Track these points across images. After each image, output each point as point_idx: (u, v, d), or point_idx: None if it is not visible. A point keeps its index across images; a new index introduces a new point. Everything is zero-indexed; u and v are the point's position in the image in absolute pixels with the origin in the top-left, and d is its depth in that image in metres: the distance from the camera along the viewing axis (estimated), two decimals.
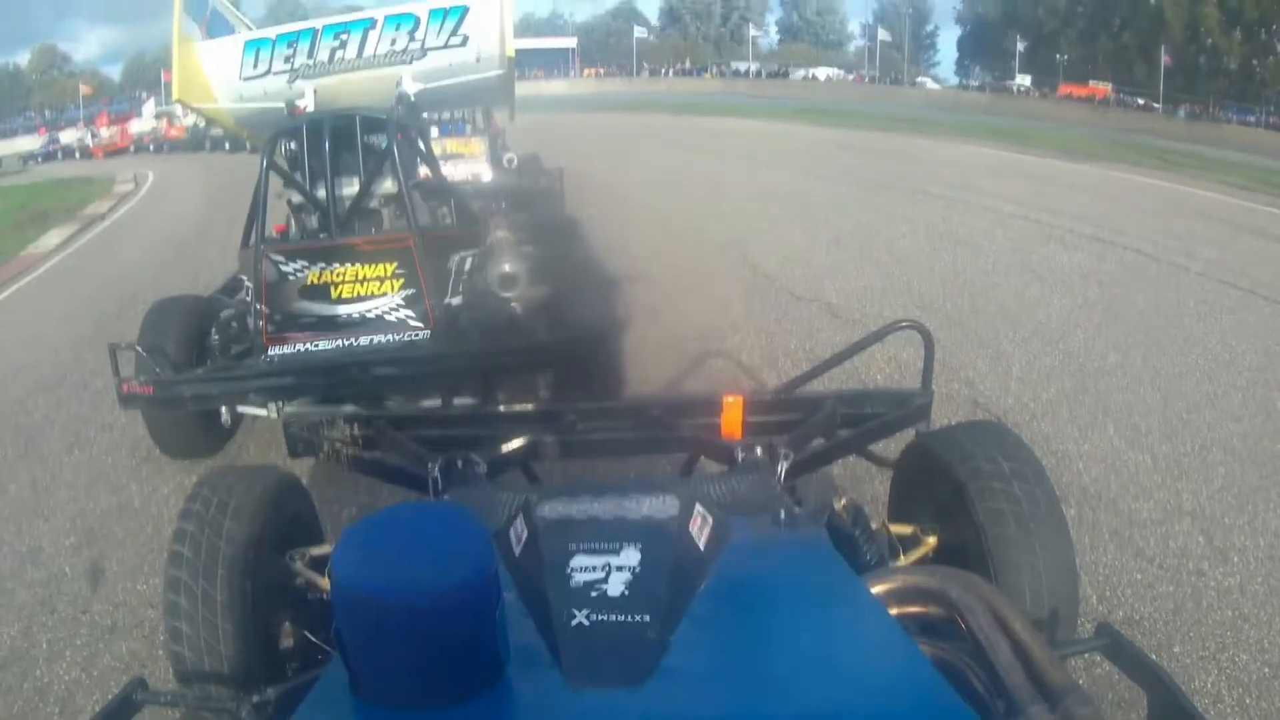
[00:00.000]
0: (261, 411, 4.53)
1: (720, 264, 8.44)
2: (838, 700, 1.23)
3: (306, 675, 1.78)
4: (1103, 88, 46.54)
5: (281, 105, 5.31)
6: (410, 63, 5.61)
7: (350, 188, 4.73)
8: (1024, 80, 51.39)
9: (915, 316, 3.30)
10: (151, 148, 34.76)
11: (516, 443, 2.84)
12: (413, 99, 5.63)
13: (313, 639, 2.15)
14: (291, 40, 5.57)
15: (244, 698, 1.66)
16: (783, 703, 1.21)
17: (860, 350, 3.09)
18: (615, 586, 1.40)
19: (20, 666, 3.28)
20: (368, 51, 5.59)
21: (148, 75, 60.43)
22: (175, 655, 2.06)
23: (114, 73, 74.39)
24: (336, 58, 5.58)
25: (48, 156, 36.04)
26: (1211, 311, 7.18)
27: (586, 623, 1.33)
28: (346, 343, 4.39)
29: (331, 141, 4.64)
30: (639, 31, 69.20)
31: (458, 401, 4.41)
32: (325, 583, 2.15)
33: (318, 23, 5.69)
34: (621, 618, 1.34)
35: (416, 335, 4.43)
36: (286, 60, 5.55)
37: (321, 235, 4.69)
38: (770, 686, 1.25)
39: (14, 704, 3.08)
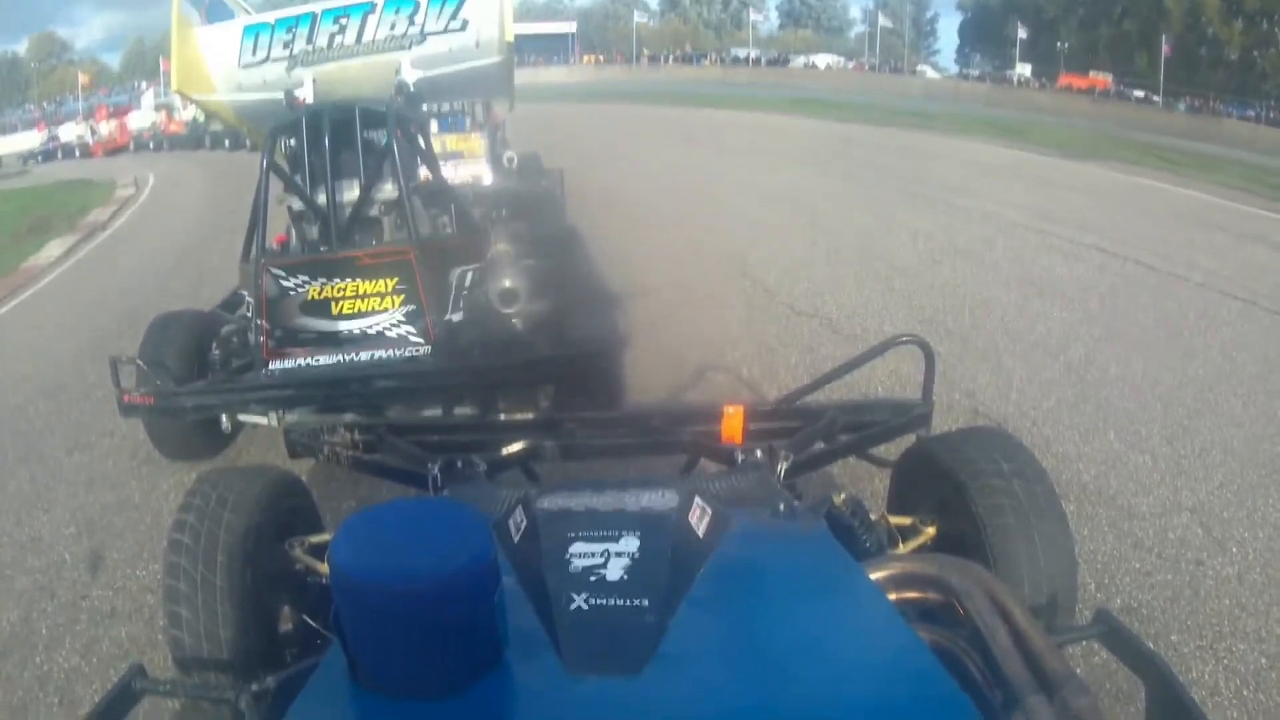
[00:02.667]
0: (262, 420, 4.53)
1: (720, 275, 8.39)
2: (834, 688, 1.23)
3: (306, 662, 1.78)
4: (1103, 79, 46.35)
5: (280, 96, 5.28)
6: (409, 48, 5.58)
7: (351, 191, 4.69)
8: (1024, 70, 51.15)
9: (915, 330, 3.31)
10: (151, 145, 34.52)
11: (517, 445, 2.85)
12: (412, 88, 5.59)
13: (312, 623, 2.16)
14: (290, 25, 5.53)
15: (243, 686, 1.66)
16: (778, 689, 1.22)
17: (861, 364, 3.10)
18: (614, 571, 1.40)
19: (20, 654, 3.28)
20: (367, 36, 5.56)
21: (147, 62, 60.20)
22: (174, 640, 2.06)
23: (113, 60, 74.32)
24: (335, 43, 5.55)
25: (48, 156, 35.83)
26: (1212, 324, 7.16)
27: (585, 607, 1.33)
28: (347, 358, 4.38)
29: (331, 137, 4.61)
30: (639, 16, 68.85)
31: (458, 411, 4.41)
32: (324, 568, 2.16)
33: (316, 6, 5.64)
34: (620, 602, 1.34)
35: (417, 351, 4.42)
36: (285, 46, 5.52)
37: (322, 247, 4.66)
38: (766, 672, 1.25)
39: (14, 693, 3.08)
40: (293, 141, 4.73)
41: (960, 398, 5.38)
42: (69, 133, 39.40)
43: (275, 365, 4.39)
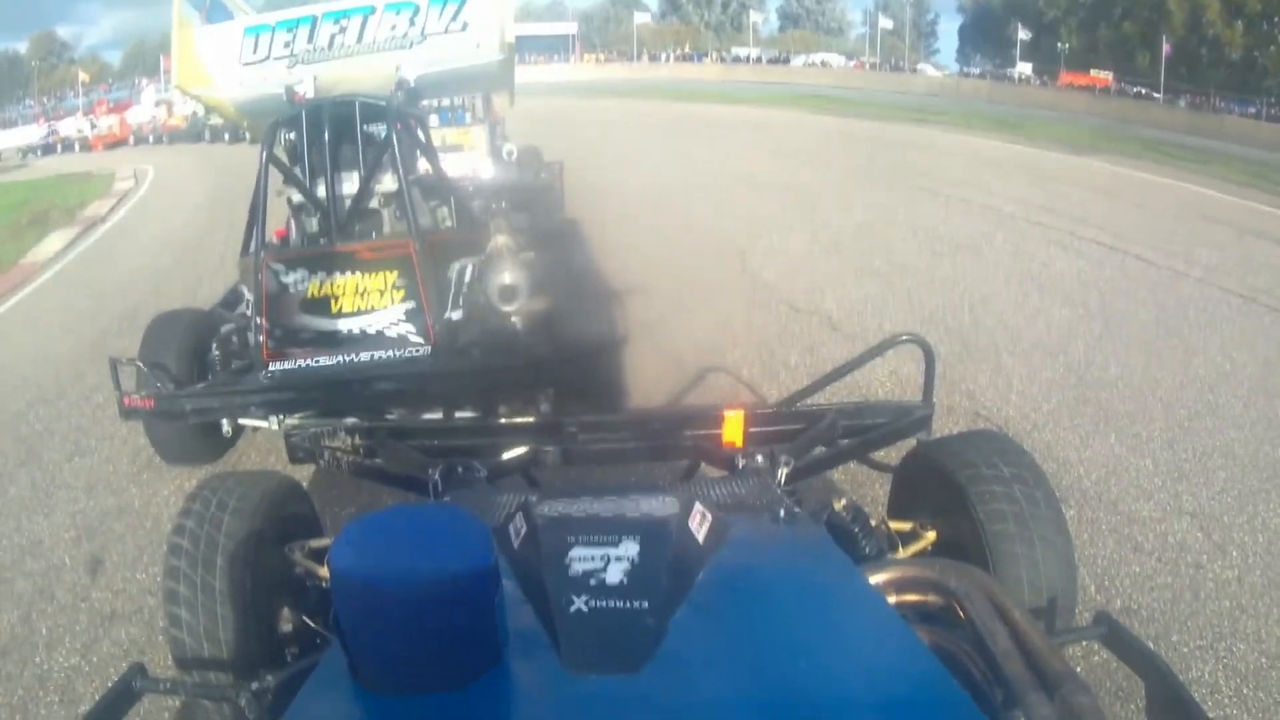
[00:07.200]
0: (263, 423, 4.50)
1: (719, 268, 8.39)
2: (836, 687, 1.23)
3: (305, 661, 1.78)
4: (1104, 77, 46.34)
5: (281, 92, 5.28)
6: (410, 48, 5.57)
7: (350, 184, 4.67)
8: (1025, 68, 51.10)
9: (915, 328, 3.30)
10: (151, 139, 34.55)
11: (518, 450, 2.85)
12: (412, 85, 5.59)
13: (312, 624, 2.16)
14: (291, 26, 5.52)
15: (243, 685, 1.66)
16: (780, 689, 1.21)
17: (861, 364, 3.10)
18: (614, 575, 1.40)
19: (20, 654, 3.29)
20: (368, 37, 5.54)
21: (148, 60, 60.15)
22: (174, 640, 2.06)
23: (114, 58, 74.25)
24: (336, 43, 5.54)
25: (47, 149, 35.74)
26: (1212, 320, 7.15)
27: (585, 609, 1.33)
28: (347, 359, 4.36)
29: (331, 131, 4.60)
30: (640, 17, 68.80)
31: (459, 415, 4.39)
32: (324, 571, 2.15)
33: (318, 8, 5.63)
34: (620, 604, 1.34)
35: (417, 352, 4.40)
36: (286, 46, 5.50)
37: (322, 240, 4.65)
38: (767, 673, 1.25)
39: (14, 692, 3.09)
40: (292, 135, 4.72)
41: (961, 399, 5.37)
42: (68, 127, 39.25)
43: (275, 367, 4.35)
